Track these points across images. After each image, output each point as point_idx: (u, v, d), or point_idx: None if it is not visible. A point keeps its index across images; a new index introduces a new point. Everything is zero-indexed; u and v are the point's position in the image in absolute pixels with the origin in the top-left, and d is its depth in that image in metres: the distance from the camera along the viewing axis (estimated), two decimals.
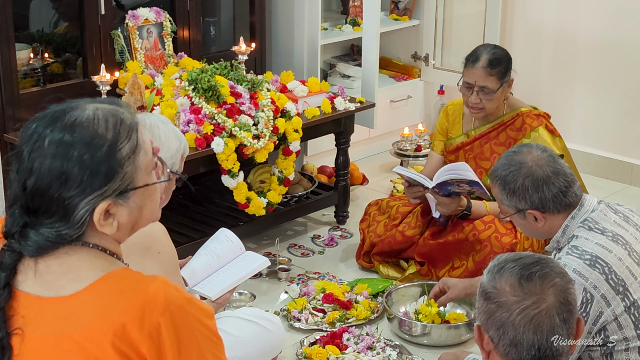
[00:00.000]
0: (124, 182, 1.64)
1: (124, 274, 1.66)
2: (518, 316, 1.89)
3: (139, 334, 1.59)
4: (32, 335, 1.63)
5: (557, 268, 1.95)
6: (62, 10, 4.35)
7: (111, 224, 1.66)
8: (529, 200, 2.74)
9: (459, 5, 5.52)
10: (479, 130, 4.05)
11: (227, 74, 4.13)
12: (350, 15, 5.44)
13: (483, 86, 3.89)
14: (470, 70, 3.91)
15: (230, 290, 2.93)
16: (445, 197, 3.82)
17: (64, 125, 1.62)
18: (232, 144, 3.88)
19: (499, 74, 3.88)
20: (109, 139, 1.63)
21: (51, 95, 3.97)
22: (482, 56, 3.90)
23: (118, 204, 1.65)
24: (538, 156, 2.77)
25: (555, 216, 2.75)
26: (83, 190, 1.61)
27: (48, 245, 1.63)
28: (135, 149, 1.66)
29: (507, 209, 2.81)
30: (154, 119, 2.63)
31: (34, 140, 1.62)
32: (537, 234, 2.84)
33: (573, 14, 5.21)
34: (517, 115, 3.99)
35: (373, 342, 3.48)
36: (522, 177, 2.74)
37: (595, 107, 5.26)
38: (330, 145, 4.71)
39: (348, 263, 4.25)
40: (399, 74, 5.69)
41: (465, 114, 4.09)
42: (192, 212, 4.42)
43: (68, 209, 1.61)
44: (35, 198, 1.62)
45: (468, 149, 4.07)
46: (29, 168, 1.62)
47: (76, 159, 1.60)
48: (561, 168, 2.76)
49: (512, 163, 2.77)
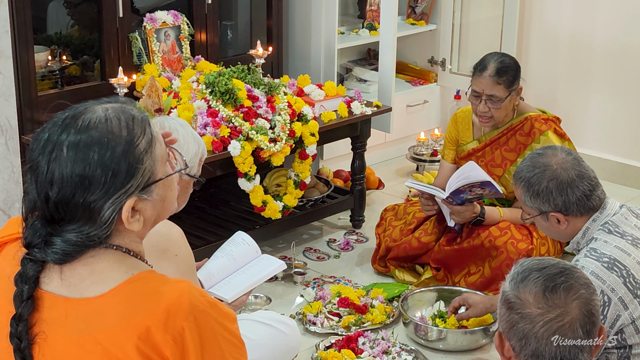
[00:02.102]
0: (145, 176, 1.65)
1: (148, 277, 1.67)
2: (541, 329, 1.87)
3: (163, 337, 1.59)
4: (55, 335, 1.63)
5: (581, 279, 1.92)
6: (77, 16, 4.36)
7: (138, 220, 1.67)
8: (552, 202, 2.74)
9: (475, 10, 5.51)
10: (489, 136, 4.05)
11: (244, 78, 4.13)
12: (367, 20, 5.44)
13: (491, 95, 3.88)
14: (477, 79, 3.91)
15: (247, 292, 2.93)
16: (459, 206, 3.82)
17: (79, 130, 1.62)
18: (248, 147, 3.88)
19: (506, 83, 3.87)
20: (125, 137, 1.63)
21: (69, 97, 3.99)
22: (489, 65, 3.89)
23: (143, 199, 1.66)
24: (563, 159, 2.77)
25: (578, 219, 2.75)
26: (107, 191, 1.61)
27: (75, 250, 1.62)
28: (151, 142, 1.66)
29: (530, 210, 2.81)
30: (173, 122, 2.63)
31: (50, 150, 1.61)
32: (559, 235, 2.84)
33: (589, 20, 5.20)
34: (525, 120, 3.98)
35: (389, 346, 3.47)
36: (547, 179, 2.74)
37: (610, 112, 5.24)
38: (346, 149, 4.71)
39: (364, 267, 4.25)
40: (416, 79, 5.68)
41: (475, 121, 4.09)
42: (209, 215, 4.43)
43: (94, 211, 1.61)
44: (60, 208, 1.61)
45: (480, 155, 4.06)
46: (49, 179, 1.60)
47: (97, 161, 1.60)
48: (586, 171, 2.76)
49: (536, 165, 2.77)
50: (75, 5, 4.36)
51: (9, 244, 1.78)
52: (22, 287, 1.63)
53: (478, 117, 3.97)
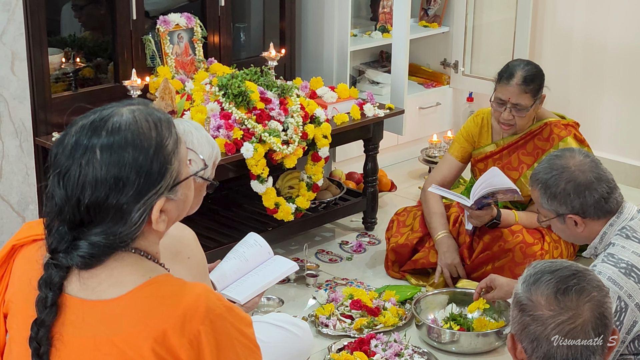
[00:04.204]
0: (173, 176, 1.66)
1: (166, 281, 1.67)
2: (553, 331, 1.87)
3: (179, 341, 1.60)
4: (71, 337, 1.64)
5: (594, 281, 1.92)
6: (84, 19, 4.38)
7: (164, 220, 1.68)
8: (569, 205, 2.73)
9: (488, 12, 5.50)
10: (508, 140, 4.03)
11: (257, 80, 4.14)
12: (380, 22, 5.44)
13: (516, 103, 3.86)
14: (504, 87, 3.86)
15: (259, 294, 2.93)
16: (479, 211, 3.81)
17: (110, 132, 1.62)
18: (261, 149, 3.89)
19: (533, 91, 3.85)
20: (155, 137, 1.64)
21: (82, 100, 4.00)
22: (516, 73, 3.85)
23: (169, 200, 1.67)
24: (581, 161, 2.75)
25: (596, 222, 2.73)
26: (140, 192, 1.62)
27: (102, 253, 1.62)
28: (177, 142, 1.68)
29: (546, 212, 2.79)
30: (188, 125, 2.64)
31: (81, 154, 1.61)
32: (576, 238, 2.82)
33: (603, 22, 5.19)
34: (544, 125, 3.97)
35: (401, 349, 3.47)
36: (565, 181, 2.73)
37: (625, 115, 5.23)
38: (359, 151, 4.71)
39: (376, 269, 4.24)
40: (428, 81, 5.68)
41: (494, 124, 4.07)
42: (221, 216, 4.44)
43: (124, 213, 1.62)
44: (91, 210, 1.61)
45: (497, 158, 4.05)
46: (82, 183, 1.60)
47: (131, 163, 1.61)
48: (604, 174, 2.74)
49: (554, 167, 2.76)
50: (81, 8, 4.38)
51: (26, 246, 1.79)
52: (47, 293, 1.63)
53: (500, 124, 3.93)
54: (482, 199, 3.75)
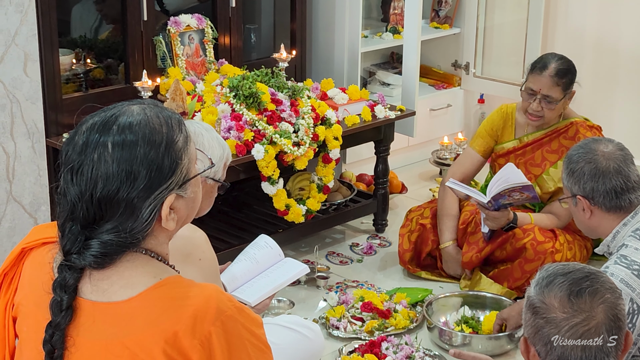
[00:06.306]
0: (183, 173, 1.67)
1: (176, 282, 1.67)
2: (567, 333, 1.86)
3: (190, 342, 1.59)
4: (82, 339, 1.63)
5: (607, 283, 1.91)
6: (105, 13, 4.38)
7: (174, 218, 1.68)
8: (581, 185, 2.77)
9: (500, 13, 5.49)
10: (532, 136, 4.03)
11: (268, 81, 4.14)
12: (391, 23, 5.43)
13: (547, 95, 3.87)
14: (536, 77, 3.88)
15: (270, 296, 2.93)
16: (495, 212, 3.80)
17: (122, 128, 1.63)
18: (272, 151, 3.88)
19: (564, 85, 3.87)
20: (165, 134, 1.65)
21: (93, 100, 4.00)
22: (550, 64, 3.87)
23: (179, 197, 1.68)
24: (611, 151, 2.80)
25: (604, 214, 2.75)
26: (150, 187, 1.62)
27: (113, 251, 1.62)
28: (187, 140, 1.69)
29: (565, 189, 2.86)
30: (198, 127, 2.63)
31: (92, 149, 1.62)
32: (585, 227, 2.85)
33: (615, 23, 5.17)
34: (570, 124, 3.98)
35: (412, 351, 3.46)
36: (585, 161, 2.78)
37: (636, 116, 5.20)
38: (369, 153, 4.70)
39: (387, 272, 4.23)
40: (439, 82, 5.67)
41: (518, 120, 4.07)
42: (232, 218, 4.43)
43: (135, 208, 1.62)
44: (102, 204, 1.61)
45: (519, 154, 4.05)
46: (94, 178, 1.61)
47: (142, 157, 1.61)
48: (627, 170, 2.77)
49: (584, 146, 2.82)
50: (103, 0, 4.37)
51: (36, 249, 1.78)
52: (62, 296, 1.63)
53: (527, 115, 3.94)
54: (498, 198, 3.73)
